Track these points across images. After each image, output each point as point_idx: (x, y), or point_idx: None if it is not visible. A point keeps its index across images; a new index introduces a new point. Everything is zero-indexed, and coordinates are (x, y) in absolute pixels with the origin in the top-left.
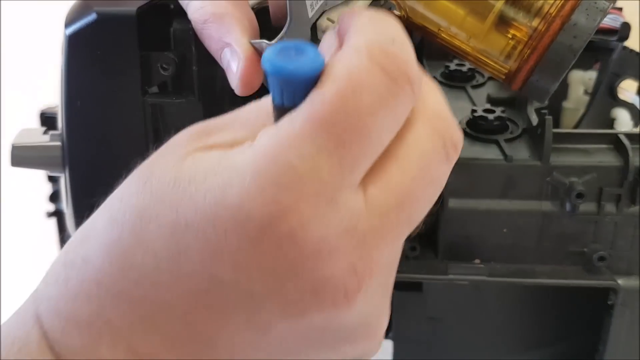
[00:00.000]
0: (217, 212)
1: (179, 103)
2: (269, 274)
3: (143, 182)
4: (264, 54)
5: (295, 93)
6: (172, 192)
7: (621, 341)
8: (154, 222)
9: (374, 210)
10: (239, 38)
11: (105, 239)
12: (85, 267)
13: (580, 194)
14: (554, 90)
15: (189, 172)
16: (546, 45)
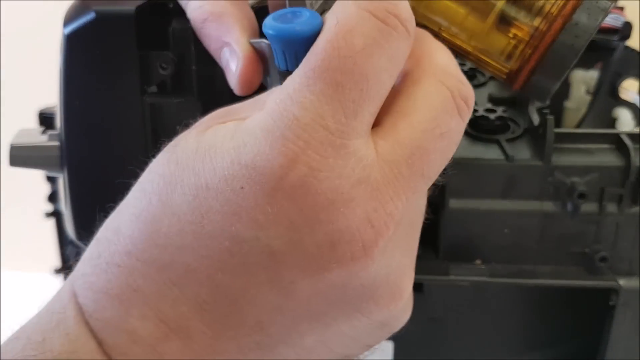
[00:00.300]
0: (233, 171)
1: (178, 102)
2: (285, 229)
3: (169, 154)
4: (265, 20)
5: (297, 55)
6: (194, 158)
7: (622, 342)
8: (178, 187)
9: (386, 162)
10: (238, 37)
11: (135, 209)
12: (117, 239)
13: (582, 194)
14: (555, 90)
15: (209, 140)
16: (547, 44)
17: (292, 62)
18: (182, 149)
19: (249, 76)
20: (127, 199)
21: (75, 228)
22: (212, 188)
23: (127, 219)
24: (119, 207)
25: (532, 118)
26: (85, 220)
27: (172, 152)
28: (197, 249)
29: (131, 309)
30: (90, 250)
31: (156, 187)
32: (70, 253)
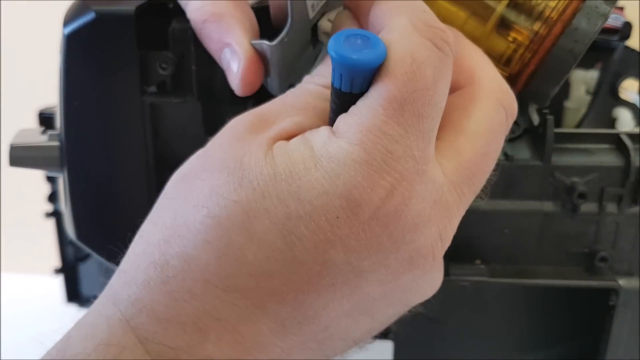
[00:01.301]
0: (327, 201)
1: (177, 102)
2: (375, 251)
3: (238, 177)
4: (329, 42)
5: (359, 80)
6: (275, 185)
7: (622, 342)
8: (263, 217)
9: (452, 183)
10: (239, 38)
11: (207, 236)
12: (187, 266)
13: (582, 194)
14: (555, 94)
15: (286, 165)
16: (547, 49)
17: (353, 85)
18: (255, 173)
19: (251, 77)
20: (184, 222)
21: (75, 228)
22: (304, 217)
23: (199, 247)
24: (171, 230)
25: (532, 118)
26: (85, 220)
27: (242, 177)
28: (286, 274)
29: (208, 335)
30: (137, 276)
31: (233, 214)
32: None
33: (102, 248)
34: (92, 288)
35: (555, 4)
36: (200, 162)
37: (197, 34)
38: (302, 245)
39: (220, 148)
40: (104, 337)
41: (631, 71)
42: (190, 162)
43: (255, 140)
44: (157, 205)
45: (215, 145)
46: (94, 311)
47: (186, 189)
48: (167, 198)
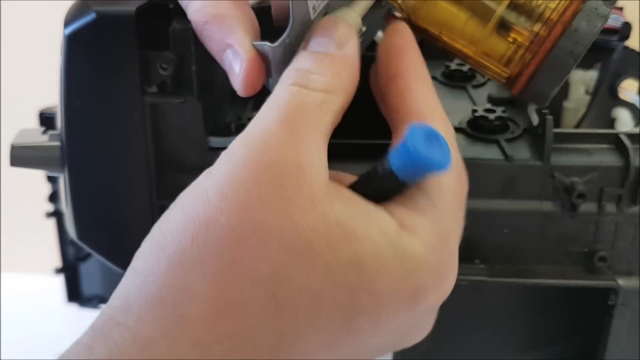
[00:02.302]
0: (397, 300)
1: (178, 103)
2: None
3: (307, 260)
4: (409, 137)
5: (421, 177)
6: (348, 277)
7: (621, 341)
8: (329, 306)
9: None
10: (241, 39)
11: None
12: (239, 347)
13: (581, 194)
14: (554, 95)
15: (359, 253)
16: (547, 50)
17: (408, 175)
18: (328, 258)
19: (253, 78)
20: (235, 297)
21: (75, 228)
22: (368, 311)
23: (256, 327)
24: (213, 302)
25: (532, 118)
26: (86, 220)
27: (309, 257)
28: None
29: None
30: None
31: (300, 301)
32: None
33: (103, 248)
34: (92, 288)
35: (555, 5)
36: (240, 221)
37: (198, 35)
38: (355, 333)
39: (265, 211)
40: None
41: (630, 71)
42: (214, 215)
43: (311, 206)
44: (172, 253)
45: (252, 202)
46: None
47: (230, 253)
48: (192, 252)
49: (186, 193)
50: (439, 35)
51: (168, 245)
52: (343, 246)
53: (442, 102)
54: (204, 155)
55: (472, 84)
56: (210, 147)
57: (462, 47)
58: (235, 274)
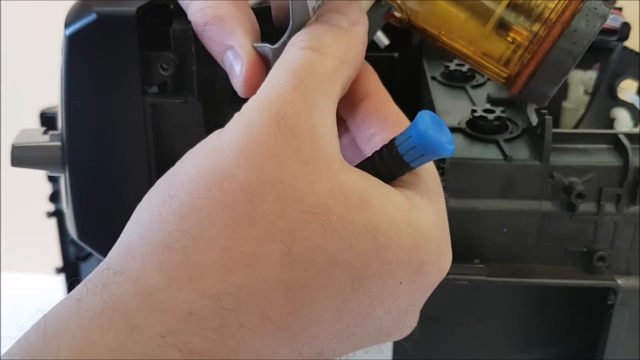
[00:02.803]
0: (404, 270)
1: (178, 103)
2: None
3: (323, 223)
4: (420, 121)
5: (428, 160)
6: (362, 242)
7: (620, 341)
8: (342, 269)
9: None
10: (241, 40)
11: (285, 276)
12: (250, 300)
13: (580, 194)
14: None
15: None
16: (546, 50)
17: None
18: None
19: (254, 79)
20: (250, 249)
21: (76, 228)
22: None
23: (268, 281)
24: (226, 252)
25: (531, 118)
26: (87, 220)
27: (325, 221)
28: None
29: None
30: (173, 303)
31: (315, 260)
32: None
33: (104, 247)
34: None
35: (554, 5)
36: (257, 178)
37: (199, 36)
38: (362, 300)
39: (283, 170)
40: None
41: (629, 72)
42: (231, 169)
43: (328, 170)
44: (184, 205)
45: (269, 161)
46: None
47: (246, 208)
48: (207, 204)
49: (196, 150)
50: (439, 36)
51: (179, 195)
52: (359, 212)
53: (441, 102)
54: None
55: (472, 84)
56: None
57: (462, 47)
58: (251, 227)
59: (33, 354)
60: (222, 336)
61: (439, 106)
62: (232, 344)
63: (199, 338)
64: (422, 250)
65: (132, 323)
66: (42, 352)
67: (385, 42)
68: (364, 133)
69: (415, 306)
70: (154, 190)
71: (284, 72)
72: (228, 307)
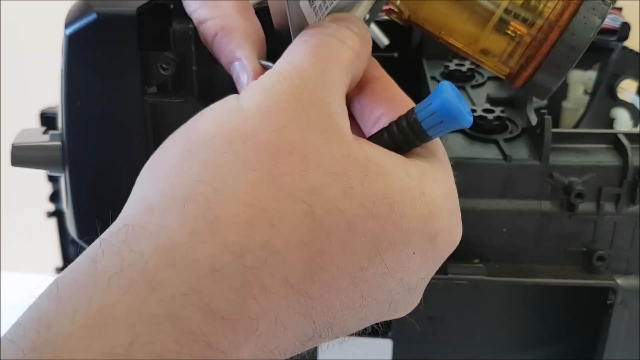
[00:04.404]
0: (418, 239)
1: (178, 103)
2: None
3: (344, 186)
4: (443, 89)
5: (447, 130)
6: (379, 208)
7: (620, 341)
8: (361, 234)
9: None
10: (248, 54)
11: (306, 238)
12: (272, 260)
13: (580, 194)
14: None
15: (390, 189)
16: (548, 47)
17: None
18: (363, 189)
19: None
20: (273, 208)
21: (76, 227)
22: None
23: (290, 242)
24: (249, 208)
25: (530, 118)
26: (87, 219)
27: (346, 185)
28: (351, 292)
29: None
30: (196, 258)
31: (336, 223)
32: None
33: None
34: None
35: (554, 3)
36: (279, 140)
37: (207, 46)
38: (377, 268)
39: (304, 136)
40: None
41: (629, 71)
42: (252, 130)
43: (345, 140)
44: (205, 160)
45: (289, 126)
46: (115, 301)
47: (269, 167)
48: (229, 161)
49: (214, 110)
50: (439, 35)
51: (200, 151)
52: (376, 180)
53: None
54: None
55: (471, 84)
56: None
57: (462, 46)
58: (273, 185)
59: (47, 321)
60: (244, 297)
61: None
62: (253, 307)
63: (221, 298)
64: (435, 220)
65: (154, 281)
66: (57, 318)
67: (385, 42)
68: (371, 115)
69: (423, 279)
70: (168, 146)
71: (305, 52)
72: (251, 266)
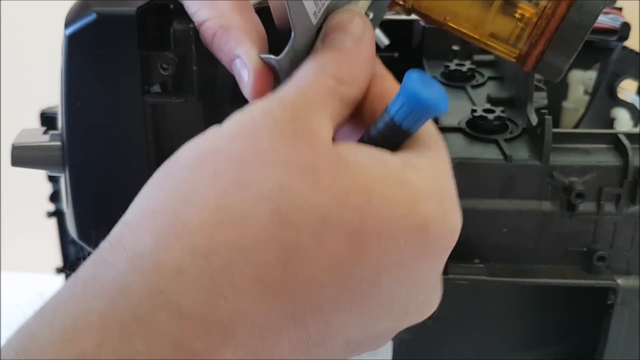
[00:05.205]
0: (406, 227)
1: (178, 103)
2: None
3: (312, 180)
4: (408, 82)
5: (423, 121)
6: (355, 200)
7: (620, 341)
8: (337, 227)
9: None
10: (248, 50)
11: (276, 234)
12: (241, 259)
13: (580, 194)
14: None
15: (364, 180)
16: (556, 25)
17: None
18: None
19: (261, 87)
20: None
21: (77, 227)
22: (378, 236)
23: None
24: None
25: (531, 118)
26: (87, 219)
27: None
28: (338, 289)
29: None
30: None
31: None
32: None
33: None
34: None
35: None
36: (248, 150)
37: (207, 45)
38: (364, 263)
39: (273, 142)
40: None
41: (629, 72)
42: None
43: (316, 141)
44: (178, 177)
45: (261, 136)
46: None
47: (236, 173)
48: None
49: (196, 137)
50: (444, 21)
51: (175, 172)
52: (348, 172)
53: None
54: None
55: (472, 84)
56: None
57: (469, 31)
58: (241, 189)
59: (29, 331)
60: (214, 298)
61: None
62: (225, 307)
63: (189, 299)
64: (422, 206)
65: (123, 285)
66: (38, 327)
67: (385, 42)
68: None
69: (429, 275)
70: (154, 174)
71: (287, 87)
72: (217, 266)
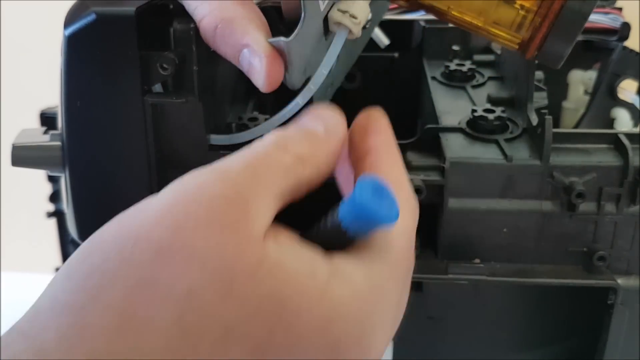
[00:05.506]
0: (315, 347)
1: (178, 103)
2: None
3: (227, 287)
4: (358, 192)
5: (369, 232)
6: (266, 311)
7: (621, 341)
8: (241, 339)
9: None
10: (256, 37)
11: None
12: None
13: (580, 194)
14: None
15: (283, 290)
16: (556, 11)
17: (356, 230)
18: (250, 288)
19: (275, 72)
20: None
21: (77, 227)
22: (284, 352)
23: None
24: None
25: (531, 118)
26: (87, 219)
27: (229, 286)
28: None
29: None
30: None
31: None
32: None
33: None
34: None
35: None
36: (168, 239)
37: (210, 42)
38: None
39: (197, 232)
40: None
41: (629, 72)
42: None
43: (245, 237)
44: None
45: (186, 224)
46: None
47: (150, 268)
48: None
49: (127, 209)
50: (448, 10)
51: (92, 256)
52: (266, 280)
53: (441, 102)
54: (205, 155)
55: (472, 84)
56: (210, 144)
57: (472, 19)
58: (149, 289)
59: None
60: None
61: (439, 106)
62: None
63: None
64: (336, 326)
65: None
66: None
67: (385, 42)
68: (348, 177)
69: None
70: (78, 249)
71: (240, 156)
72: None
